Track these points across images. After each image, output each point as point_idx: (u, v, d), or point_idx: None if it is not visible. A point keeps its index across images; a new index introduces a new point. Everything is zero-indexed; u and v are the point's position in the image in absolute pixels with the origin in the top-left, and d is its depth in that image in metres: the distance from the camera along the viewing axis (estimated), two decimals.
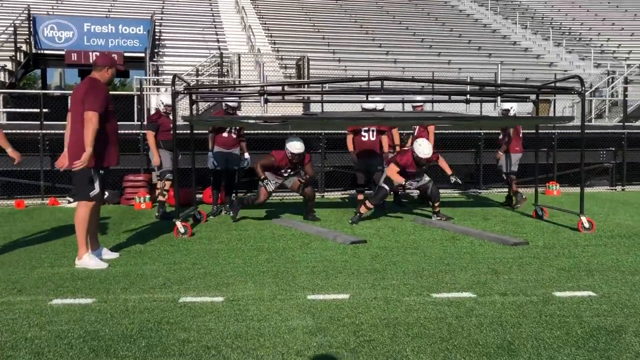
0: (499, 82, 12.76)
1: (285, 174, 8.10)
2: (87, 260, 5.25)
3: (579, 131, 12.48)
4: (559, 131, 12.77)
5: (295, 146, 7.85)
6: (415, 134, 9.41)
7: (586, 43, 23.43)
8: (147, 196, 10.15)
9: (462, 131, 12.01)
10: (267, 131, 10.65)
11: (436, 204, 8.12)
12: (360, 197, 8.65)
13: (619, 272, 4.88)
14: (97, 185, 5.26)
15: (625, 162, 13.08)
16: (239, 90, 9.94)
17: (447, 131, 11.74)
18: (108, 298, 4.17)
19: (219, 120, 8.17)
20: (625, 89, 13.75)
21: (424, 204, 9.58)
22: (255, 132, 10.52)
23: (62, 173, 11.19)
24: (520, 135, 9.65)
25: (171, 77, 7.56)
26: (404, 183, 7.83)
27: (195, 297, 4.16)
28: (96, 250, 5.51)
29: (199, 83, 13.53)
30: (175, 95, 6.92)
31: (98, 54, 5.66)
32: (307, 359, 3.02)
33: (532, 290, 4.32)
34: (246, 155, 8.81)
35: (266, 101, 7.62)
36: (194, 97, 7.98)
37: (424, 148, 7.78)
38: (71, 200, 10.27)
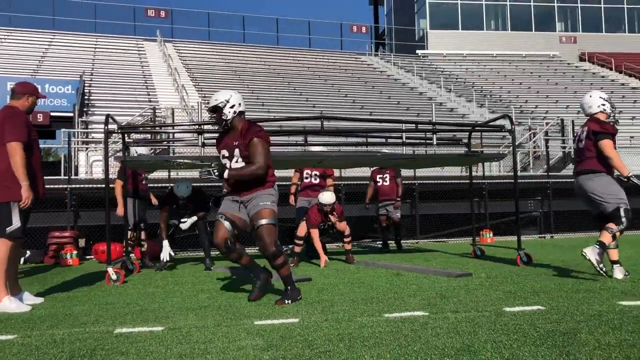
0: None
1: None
2: (7, 304, 4.76)
3: (507, 181, 13.13)
4: (488, 181, 13.25)
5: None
6: None
7: (506, 104, 24.80)
8: (75, 252, 9.59)
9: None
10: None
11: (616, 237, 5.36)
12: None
13: (563, 292, 4.92)
14: (15, 220, 4.83)
15: (552, 210, 13.65)
16: (175, 129, 9.76)
17: (358, 182, 11.73)
18: (32, 334, 3.76)
19: (154, 161, 7.92)
20: (547, 141, 14.51)
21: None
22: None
23: None
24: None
25: (102, 134, 7.22)
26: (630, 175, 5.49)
27: (132, 328, 3.83)
28: (18, 295, 5.04)
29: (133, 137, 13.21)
30: (107, 134, 6.67)
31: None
32: None
33: (482, 307, 4.26)
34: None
35: (203, 144, 7.47)
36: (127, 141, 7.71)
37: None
38: None
